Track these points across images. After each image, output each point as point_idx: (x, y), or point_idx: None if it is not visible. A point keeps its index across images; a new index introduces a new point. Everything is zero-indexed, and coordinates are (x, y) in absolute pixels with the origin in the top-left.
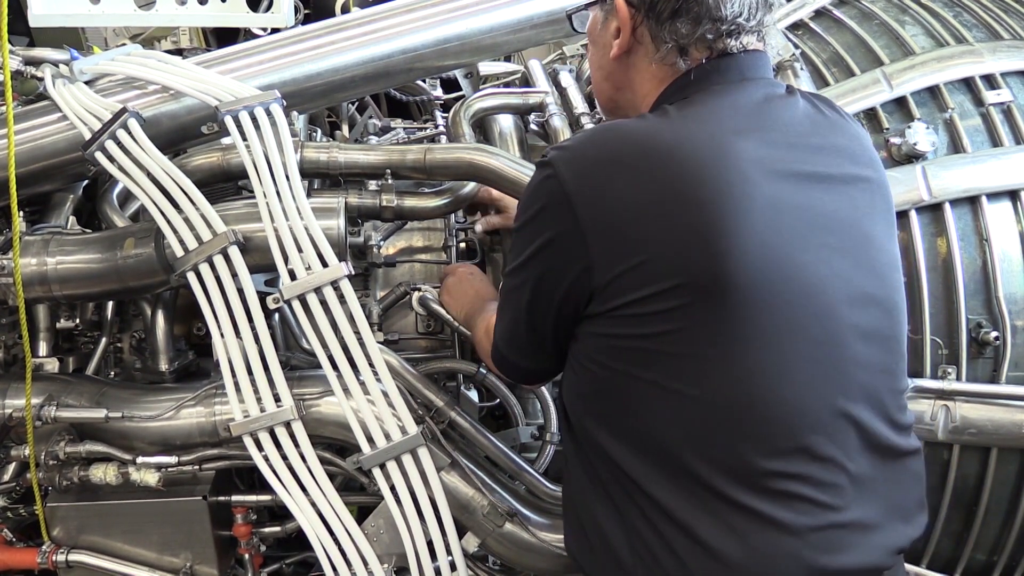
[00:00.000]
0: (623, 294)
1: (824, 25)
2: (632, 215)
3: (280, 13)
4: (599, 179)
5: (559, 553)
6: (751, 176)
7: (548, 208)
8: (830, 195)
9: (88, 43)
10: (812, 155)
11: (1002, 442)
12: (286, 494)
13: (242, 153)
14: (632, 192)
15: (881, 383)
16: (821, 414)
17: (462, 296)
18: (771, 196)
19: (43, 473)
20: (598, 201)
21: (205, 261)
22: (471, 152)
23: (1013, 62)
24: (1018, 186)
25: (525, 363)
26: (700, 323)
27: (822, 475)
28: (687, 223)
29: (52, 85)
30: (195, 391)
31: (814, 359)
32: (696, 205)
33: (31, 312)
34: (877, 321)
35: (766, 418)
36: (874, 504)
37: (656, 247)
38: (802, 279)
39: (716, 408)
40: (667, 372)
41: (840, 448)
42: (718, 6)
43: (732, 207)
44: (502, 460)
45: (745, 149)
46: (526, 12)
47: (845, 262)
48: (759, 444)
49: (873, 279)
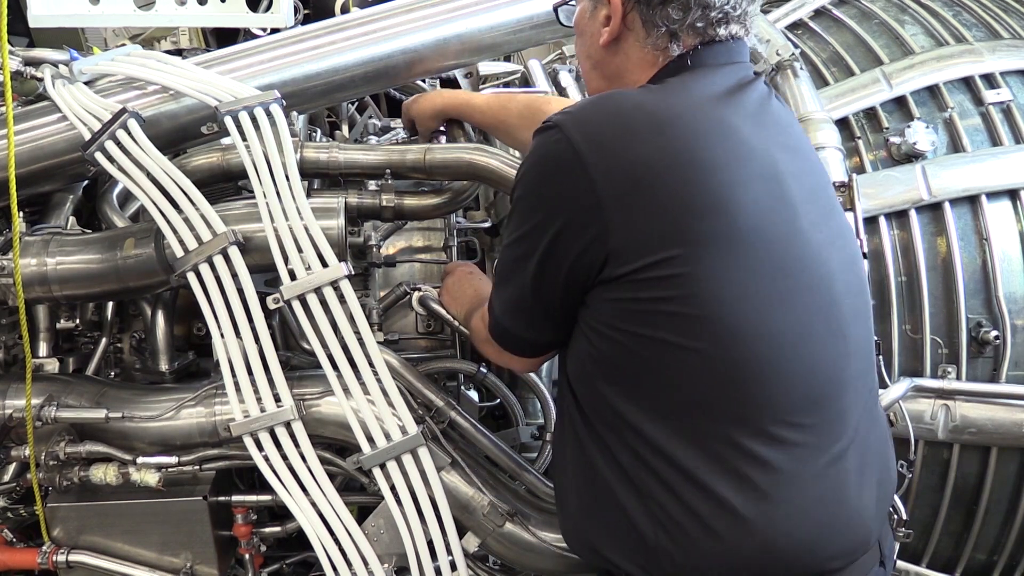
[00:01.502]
0: (639, 257)
1: (824, 24)
2: (647, 176)
3: (280, 13)
4: (610, 141)
5: (559, 553)
6: (751, 144)
7: (559, 170)
8: (806, 164)
9: (88, 43)
10: (786, 129)
11: (1002, 441)
12: (286, 494)
13: (242, 153)
14: (643, 154)
15: (866, 342)
16: (829, 369)
17: (462, 296)
18: (768, 165)
19: (43, 473)
20: (612, 162)
21: (205, 261)
22: (471, 152)
23: (1013, 61)
24: (1018, 185)
25: (530, 334)
26: (717, 283)
27: (832, 428)
28: (698, 185)
29: (52, 85)
30: (195, 391)
31: (821, 317)
32: (705, 168)
33: (31, 312)
34: (857, 284)
35: (781, 373)
36: (869, 455)
37: (672, 209)
38: (803, 244)
39: (734, 365)
40: (686, 332)
41: (845, 401)
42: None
43: (739, 172)
44: (502, 460)
45: (740, 119)
46: (526, 12)
47: (829, 228)
48: (775, 398)
49: (847, 245)
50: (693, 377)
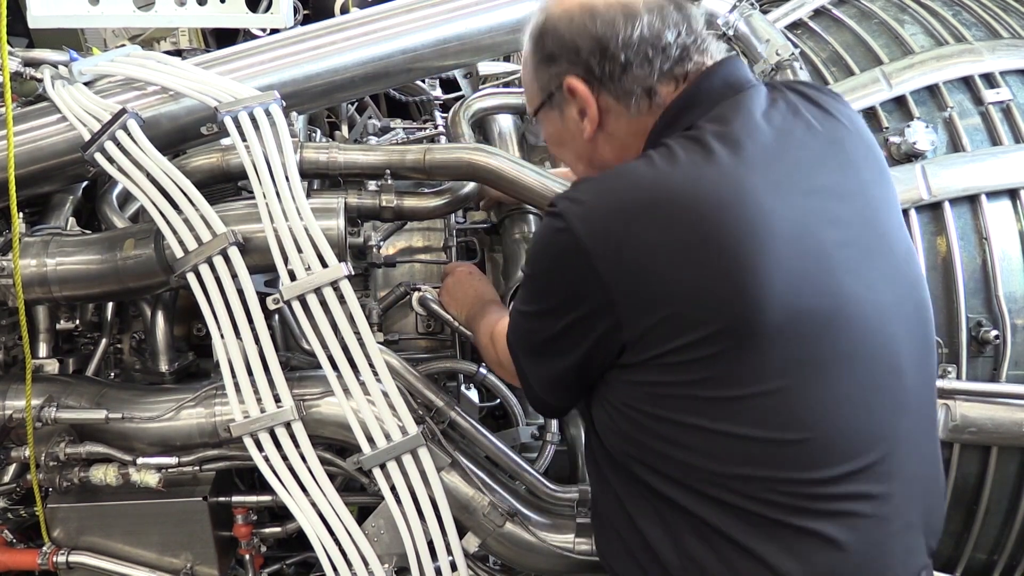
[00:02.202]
0: (657, 345)
1: (823, 24)
2: (655, 266)
3: (279, 13)
4: (616, 232)
5: (560, 553)
6: (768, 207)
7: (565, 263)
8: (843, 203)
9: (87, 44)
10: (818, 163)
11: (1002, 441)
12: (286, 495)
13: (242, 154)
14: (652, 242)
15: (926, 386)
16: (875, 430)
17: (462, 297)
18: (791, 222)
19: (43, 474)
20: (618, 255)
21: (205, 262)
22: (471, 152)
23: (1012, 61)
24: (1017, 185)
25: (552, 400)
26: (741, 364)
27: (877, 489)
28: (713, 268)
29: (51, 86)
30: (195, 392)
31: (865, 378)
32: (719, 249)
33: (31, 313)
34: (911, 324)
35: (821, 444)
36: (916, 504)
37: (685, 296)
38: (837, 300)
39: (769, 443)
40: (713, 415)
41: (893, 461)
42: (658, 36)
43: (756, 245)
44: (502, 460)
45: (757, 180)
46: (526, 12)
47: (872, 271)
48: (816, 469)
49: (898, 280)
50: (723, 455)
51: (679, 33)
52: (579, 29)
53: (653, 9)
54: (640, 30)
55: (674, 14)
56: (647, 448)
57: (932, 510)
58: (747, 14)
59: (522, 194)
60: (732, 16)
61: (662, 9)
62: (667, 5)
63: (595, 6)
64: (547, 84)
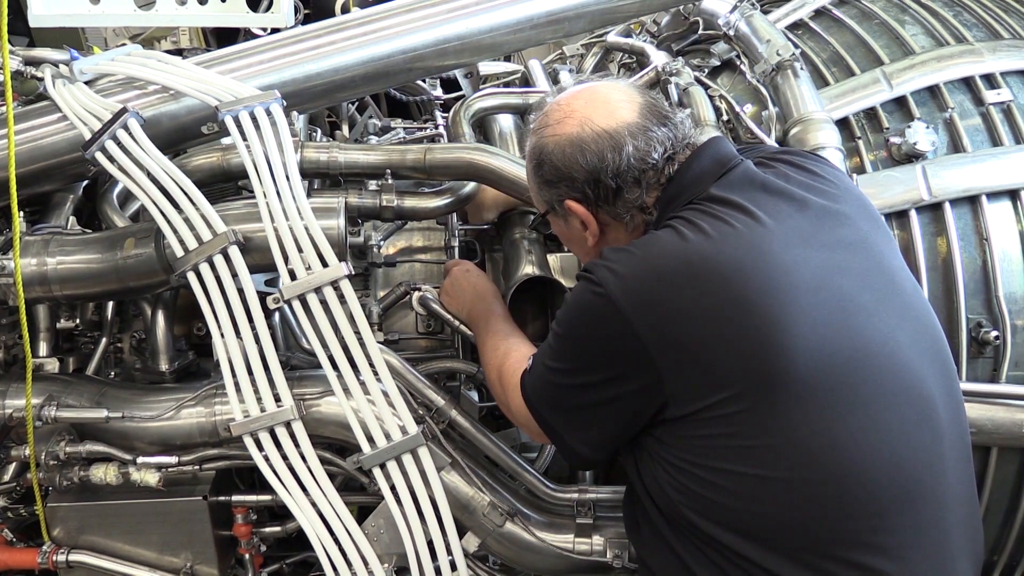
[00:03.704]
0: (699, 399)
1: (824, 25)
2: (690, 327)
3: (280, 13)
4: (651, 294)
5: (559, 553)
6: (787, 264)
7: (604, 323)
8: (849, 253)
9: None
10: (819, 221)
11: (1002, 441)
12: (286, 494)
13: (242, 153)
14: (685, 305)
15: (956, 411)
16: (917, 464)
17: (461, 295)
18: (809, 276)
19: (43, 473)
20: (655, 316)
21: (205, 261)
22: (471, 152)
23: (1013, 61)
24: (1018, 185)
25: (594, 455)
26: (781, 414)
27: (926, 518)
28: (742, 326)
29: (52, 85)
30: (195, 391)
31: (900, 414)
32: (747, 308)
33: (31, 312)
34: (932, 355)
35: (863, 483)
36: (963, 529)
37: (719, 354)
38: (861, 343)
39: (817, 485)
40: (761, 462)
41: (940, 488)
42: (644, 159)
43: (780, 299)
44: (502, 460)
45: (772, 240)
46: (526, 12)
47: (889, 312)
48: (862, 509)
49: (912, 317)
50: (775, 500)
51: (664, 149)
52: (571, 162)
53: (637, 134)
54: (627, 159)
55: (658, 132)
56: (704, 499)
57: (975, 533)
58: (748, 14)
59: (523, 194)
60: (733, 16)
61: (646, 131)
62: (650, 126)
63: (583, 139)
64: (549, 200)
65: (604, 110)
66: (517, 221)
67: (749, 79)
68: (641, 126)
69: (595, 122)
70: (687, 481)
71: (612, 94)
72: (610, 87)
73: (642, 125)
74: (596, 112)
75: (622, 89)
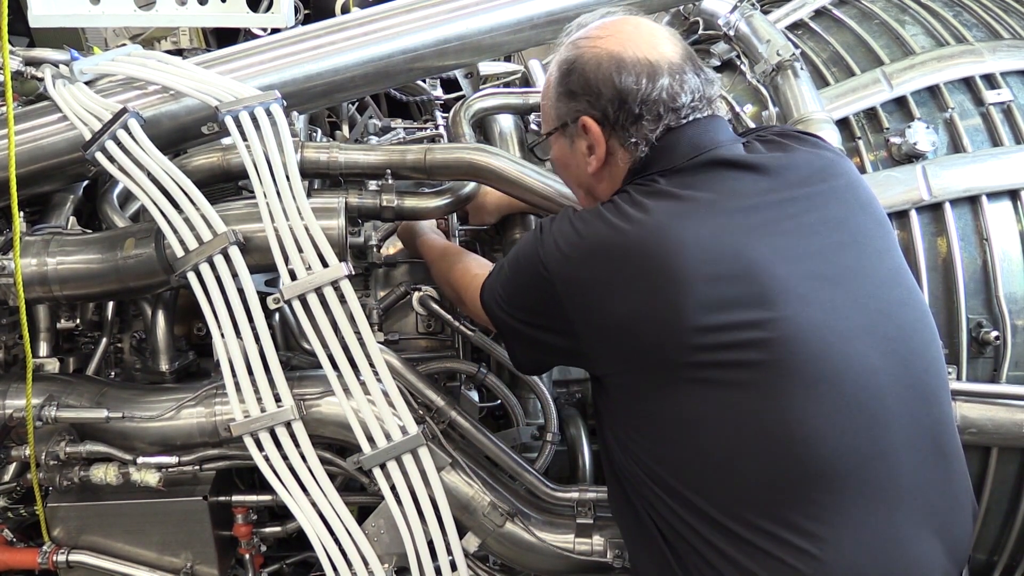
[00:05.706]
0: (621, 371)
1: (824, 25)
2: (614, 306)
3: (280, 13)
4: (586, 284)
5: (559, 553)
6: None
7: (539, 290)
8: (815, 237)
9: (88, 43)
10: (790, 203)
11: (1002, 442)
12: (286, 494)
13: (242, 153)
14: (614, 289)
15: (921, 402)
16: (849, 446)
17: (411, 229)
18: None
19: (44, 473)
20: (583, 298)
21: (205, 261)
22: (471, 152)
23: (1013, 62)
24: (1018, 185)
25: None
26: (671, 388)
27: (852, 501)
28: (649, 298)
29: (52, 85)
30: (195, 391)
31: (830, 398)
32: (652, 280)
33: (31, 312)
34: (886, 343)
35: (772, 462)
36: (916, 517)
37: (636, 332)
38: (776, 319)
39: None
40: (662, 431)
41: (869, 475)
42: (673, 98)
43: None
44: (502, 460)
45: (685, 220)
46: (526, 12)
47: (836, 296)
48: (775, 486)
49: (871, 305)
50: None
51: (693, 98)
52: (604, 77)
53: (675, 72)
54: (660, 91)
55: (693, 80)
56: (641, 445)
57: (949, 526)
58: (748, 14)
59: (523, 194)
60: (733, 16)
61: (683, 73)
62: (689, 72)
63: (623, 59)
64: (564, 115)
65: (649, 41)
66: (517, 222)
67: (749, 79)
68: (680, 67)
69: (639, 47)
70: (628, 426)
71: (659, 31)
72: (658, 26)
73: (681, 67)
74: (641, 40)
75: (669, 31)
